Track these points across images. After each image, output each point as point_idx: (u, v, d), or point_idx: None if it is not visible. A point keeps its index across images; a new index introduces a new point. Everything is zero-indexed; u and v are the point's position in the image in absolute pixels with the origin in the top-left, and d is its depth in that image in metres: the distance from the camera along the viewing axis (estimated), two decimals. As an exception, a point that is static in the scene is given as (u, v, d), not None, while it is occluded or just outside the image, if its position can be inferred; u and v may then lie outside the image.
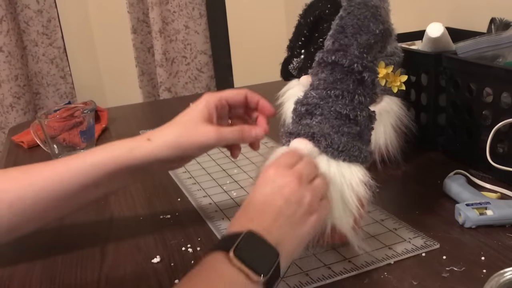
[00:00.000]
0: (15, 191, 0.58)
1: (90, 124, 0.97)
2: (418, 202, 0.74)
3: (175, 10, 1.93)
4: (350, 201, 0.55)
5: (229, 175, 0.86)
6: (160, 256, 0.64)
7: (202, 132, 0.61)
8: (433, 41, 0.84)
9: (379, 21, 0.60)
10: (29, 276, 0.62)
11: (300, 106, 0.60)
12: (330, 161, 0.57)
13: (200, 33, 1.97)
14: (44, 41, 1.89)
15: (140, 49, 1.99)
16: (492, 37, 0.82)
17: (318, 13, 0.88)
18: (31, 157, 1.01)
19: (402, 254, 0.60)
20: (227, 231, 0.51)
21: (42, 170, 0.60)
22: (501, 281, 0.46)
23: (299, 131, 0.58)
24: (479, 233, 0.64)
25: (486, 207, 0.65)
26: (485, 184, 0.76)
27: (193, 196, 0.79)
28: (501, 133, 0.74)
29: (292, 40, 0.93)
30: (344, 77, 0.58)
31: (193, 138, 0.60)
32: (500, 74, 0.74)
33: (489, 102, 0.77)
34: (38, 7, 1.86)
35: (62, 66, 1.94)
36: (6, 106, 1.82)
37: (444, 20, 0.89)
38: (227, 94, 0.65)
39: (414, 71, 0.89)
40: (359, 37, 0.59)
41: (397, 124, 0.82)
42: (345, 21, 0.60)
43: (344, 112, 0.58)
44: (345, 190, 0.55)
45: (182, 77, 2.02)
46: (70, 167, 0.60)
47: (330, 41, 0.60)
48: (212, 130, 0.61)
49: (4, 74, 1.79)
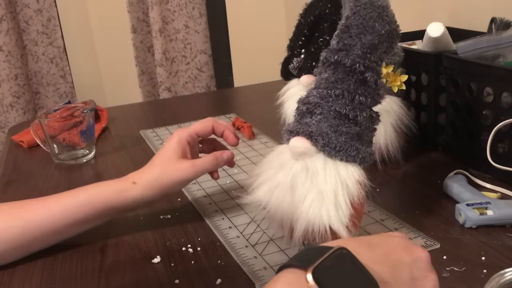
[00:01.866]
0: (4, 222, 0.62)
1: (90, 124, 0.97)
2: (418, 202, 0.74)
3: (175, 9, 1.93)
4: (344, 201, 0.55)
5: (229, 175, 0.86)
6: (160, 256, 0.64)
7: (179, 169, 0.66)
8: (434, 40, 0.84)
9: (385, 21, 0.59)
10: (29, 276, 0.62)
11: (302, 105, 0.60)
12: (327, 160, 0.57)
13: (200, 32, 1.97)
14: (44, 40, 1.89)
15: (140, 49, 1.99)
16: (492, 37, 0.82)
17: (318, 13, 0.88)
18: (31, 157, 1.01)
19: (402, 254, 0.60)
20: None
21: (35, 204, 0.65)
22: (502, 281, 0.46)
23: (299, 129, 0.58)
24: (479, 233, 0.64)
25: (487, 207, 0.65)
26: (486, 184, 0.76)
27: (193, 196, 0.79)
28: (502, 133, 0.74)
29: (292, 40, 0.94)
30: (346, 77, 0.58)
31: (172, 176, 0.66)
32: (500, 74, 0.74)
33: (490, 102, 0.77)
34: (38, 6, 1.86)
35: (62, 65, 1.94)
36: (6, 106, 1.82)
37: (444, 20, 0.89)
38: (195, 128, 0.71)
39: (414, 71, 0.89)
40: (363, 37, 0.59)
41: (397, 124, 0.82)
42: (350, 21, 0.60)
43: (343, 112, 0.58)
44: (340, 190, 0.55)
45: (182, 76, 2.02)
46: (61, 204, 0.64)
47: (334, 41, 0.60)
48: (188, 166, 0.66)
49: (4, 73, 1.79)
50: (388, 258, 0.40)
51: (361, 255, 0.38)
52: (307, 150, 0.57)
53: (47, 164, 0.96)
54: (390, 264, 0.40)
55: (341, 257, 0.36)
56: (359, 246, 0.40)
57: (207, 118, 0.74)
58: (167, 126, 1.11)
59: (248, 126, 1.03)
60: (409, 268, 0.41)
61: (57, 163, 0.96)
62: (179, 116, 1.18)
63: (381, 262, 0.40)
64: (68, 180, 0.90)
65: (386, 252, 0.41)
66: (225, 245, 0.65)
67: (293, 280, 0.35)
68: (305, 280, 0.34)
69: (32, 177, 0.92)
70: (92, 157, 0.98)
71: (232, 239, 0.66)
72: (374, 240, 0.43)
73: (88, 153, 0.98)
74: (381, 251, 0.41)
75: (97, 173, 0.92)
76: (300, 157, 0.57)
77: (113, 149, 1.02)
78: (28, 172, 0.94)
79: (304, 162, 0.56)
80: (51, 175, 0.92)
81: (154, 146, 1.01)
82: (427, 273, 0.42)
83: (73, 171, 0.94)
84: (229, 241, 0.66)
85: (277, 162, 0.59)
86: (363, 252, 0.39)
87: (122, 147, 1.03)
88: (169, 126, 1.12)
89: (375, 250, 0.41)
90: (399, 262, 0.41)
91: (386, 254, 0.41)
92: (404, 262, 0.41)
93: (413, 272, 0.41)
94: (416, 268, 0.42)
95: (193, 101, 1.41)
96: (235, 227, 0.69)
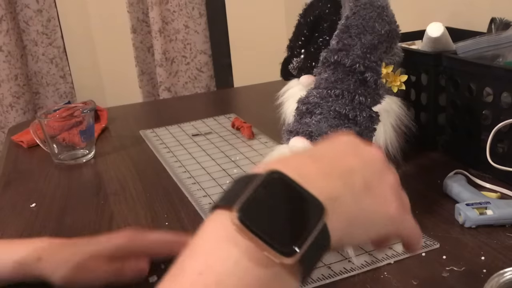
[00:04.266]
0: None
1: (90, 124, 0.97)
2: (418, 201, 0.73)
3: (175, 9, 1.93)
4: None
5: (229, 175, 0.86)
6: (160, 256, 0.63)
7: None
8: (433, 41, 0.84)
9: (385, 21, 0.60)
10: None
11: (302, 105, 0.60)
12: None
13: (200, 32, 1.97)
14: (44, 40, 1.89)
15: (140, 49, 1.99)
16: (492, 37, 0.82)
17: (318, 13, 0.88)
18: (31, 157, 1.01)
19: (402, 253, 0.60)
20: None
21: None
22: (501, 281, 0.46)
23: (298, 129, 0.58)
24: (479, 233, 0.64)
25: (486, 207, 0.65)
26: (485, 184, 0.76)
27: (193, 196, 0.79)
28: (501, 133, 0.74)
29: (292, 40, 0.93)
30: (346, 77, 0.58)
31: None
32: (500, 74, 0.74)
33: (489, 102, 0.77)
34: (38, 7, 1.85)
35: (61, 65, 1.94)
36: (5, 106, 1.82)
37: (444, 20, 0.89)
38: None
39: (414, 71, 0.89)
40: (363, 37, 0.59)
41: (397, 123, 0.82)
42: (350, 21, 0.60)
43: (343, 112, 0.58)
44: None
45: (182, 76, 2.02)
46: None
47: (334, 41, 0.60)
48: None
49: (4, 73, 1.79)
50: (335, 168, 0.34)
51: (302, 170, 0.32)
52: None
53: (47, 164, 0.96)
54: (338, 175, 0.33)
55: (272, 183, 0.30)
56: (300, 161, 0.34)
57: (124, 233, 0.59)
58: (167, 126, 1.11)
59: (247, 126, 1.03)
60: (361, 175, 0.34)
61: (57, 163, 0.96)
62: (179, 116, 1.18)
63: (328, 174, 0.33)
64: (68, 180, 0.90)
65: (332, 161, 0.35)
66: (225, 245, 0.65)
67: (219, 226, 0.30)
68: (231, 222, 0.29)
69: (32, 177, 0.92)
70: (92, 157, 0.98)
71: (232, 239, 0.66)
72: (318, 151, 0.37)
73: (88, 153, 0.98)
74: (326, 162, 0.34)
75: (97, 173, 0.92)
76: (300, 157, 0.57)
77: (113, 149, 1.02)
78: (28, 172, 0.94)
79: (304, 162, 0.56)
80: (51, 175, 0.92)
81: (154, 146, 1.01)
82: (383, 176, 0.36)
83: (73, 171, 0.94)
84: (229, 241, 0.66)
85: (277, 162, 0.58)
86: (304, 167, 0.33)
87: (122, 147, 1.03)
88: (169, 126, 1.12)
89: (320, 162, 0.34)
90: (348, 170, 0.34)
91: (332, 164, 0.34)
92: (355, 168, 0.35)
93: (367, 179, 0.35)
94: (369, 172, 0.35)
95: (193, 101, 1.41)
96: (235, 227, 0.69)
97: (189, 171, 0.88)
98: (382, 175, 0.37)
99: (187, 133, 1.07)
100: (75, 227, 0.73)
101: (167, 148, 0.99)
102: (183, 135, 1.06)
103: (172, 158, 0.94)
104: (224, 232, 0.30)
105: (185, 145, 1.00)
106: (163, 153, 0.97)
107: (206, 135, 1.05)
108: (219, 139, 1.02)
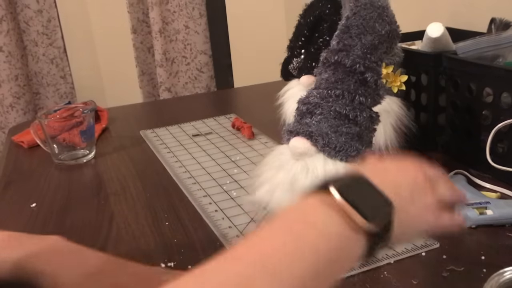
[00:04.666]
0: None
1: (90, 124, 0.97)
2: (418, 202, 0.73)
3: (175, 10, 1.93)
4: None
5: (229, 175, 0.86)
6: (160, 256, 0.64)
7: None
8: (433, 41, 0.84)
9: (386, 22, 0.60)
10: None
11: (302, 105, 0.60)
12: (326, 160, 0.57)
13: (200, 33, 1.97)
14: (44, 41, 1.89)
15: (140, 49, 1.99)
16: (492, 37, 0.82)
17: (318, 13, 0.89)
18: (31, 157, 1.01)
19: (402, 253, 0.60)
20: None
21: None
22: (501, 280, 0.46)
23: (299, 129, 0.58)
24: (479, 233, 0.64)
25: (486, 207, 0.65)
26: (485, 184, 0.76)
27: (193, 196, 0.79)
28: (501, 133, 0.74)
29: (292, 40, 0.94)
30: (346, 77, 0.58)
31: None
32: (500, 74, 0.74)
33: (489, 102, 0.77)
34: (38, 7, 1.85)
35: (62, 66, 1.94)
36: (6, 106, 1.82)
37: (444, 20, 0.89)
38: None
39: (414, 71, 0.89)
40: (364, 38, 0.59)
41: (397, 124, 0.82)
42: (351, 22, 0.60)
43: (343, 112, 0.58)
44: None
45: (182, 77, 2.02)
46: None
47: (335, 41, 0.60)
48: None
49: (4, 74, 1.79)
50: (386, 183, 0.41)
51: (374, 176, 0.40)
52: (307, 150, 0.57)
53: (47, 164, 0.96)
54: (391, 187, 0.41)
55: (359, 178, 0.39)
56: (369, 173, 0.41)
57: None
58: (167, 127, 1.12)
59: (248, 127, 1.03)
60: (408, 189, 0.43)
61: (57, 163, 0.97)
62: (179, 116, 1.18)
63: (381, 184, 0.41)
64: (68, 180, 0.90)
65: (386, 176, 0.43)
66: (225, 244, 0.65)
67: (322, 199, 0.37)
68: (333, 198, 0.36)
69: (32, 177, 0.92)
70: (92, 157, 0.98)
71: (232, 238, 0.66)
72: (382, 166, 0.45)
73: (88, 153, 0.98)
74: (382, 176, 0.42)
75: (97, 173, 0.92)
76: (300, 157, 0.57)
77: (113, 149, 1.02)
78: (28, 172, 0.94)
79: (304, 162, 0.56)
80: (51, 175, 0.92)
81: (154, 147, 1.01)
82: (423, 192, 0.44)
83: (73, 171, 0.94)
84: (229, 241, 0.66)
85: (277, 162, 0.59)
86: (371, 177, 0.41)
87: (122, 147, 1.03)
88: (169, 126, 1.12)
89: (379, 176, 0.41)
90: (398, 186, 0.42)
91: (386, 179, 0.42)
92: (402, 184, 0.43)
93: (411, 193, 0.43)
94: (413, 188, 0.44)
95: (193, 102, 1.41)
96: (235, 226, 0.69)
97: (189, 171, 0.88)
98: (423, 191, 0.44)
99: (188, 133, 1.07)
100: (75, 227, 0.73)
101: (168, 148, 0.99)
102: (183, 135, 1.06)
103: (172, 158, 0.94)
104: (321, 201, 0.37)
105: (185, 145, 1.00)
106: (164, 153, 0.97)
107: (207, 136, 1.05)
108: (219, 139, 1.03)
